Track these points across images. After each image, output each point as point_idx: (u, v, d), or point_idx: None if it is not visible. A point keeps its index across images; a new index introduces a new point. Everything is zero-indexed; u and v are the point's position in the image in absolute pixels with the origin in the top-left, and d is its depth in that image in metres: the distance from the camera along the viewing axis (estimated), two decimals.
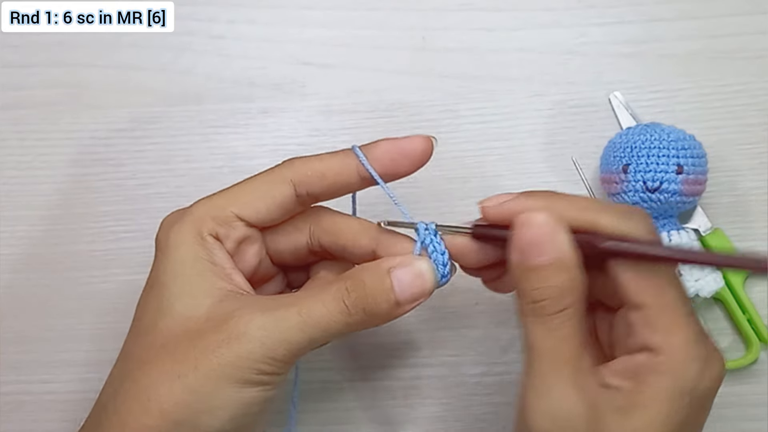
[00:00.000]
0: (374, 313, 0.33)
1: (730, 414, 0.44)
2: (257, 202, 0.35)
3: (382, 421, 0.45)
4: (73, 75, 0.50)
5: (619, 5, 0.49)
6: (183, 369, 0.32)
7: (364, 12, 0.50)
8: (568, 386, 0.30)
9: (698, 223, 0.45)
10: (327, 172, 0.35)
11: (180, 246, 0.34)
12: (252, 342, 0.31)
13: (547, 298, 0.31)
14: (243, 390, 0.32)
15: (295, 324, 0.32)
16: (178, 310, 0.33)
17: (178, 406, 0.31)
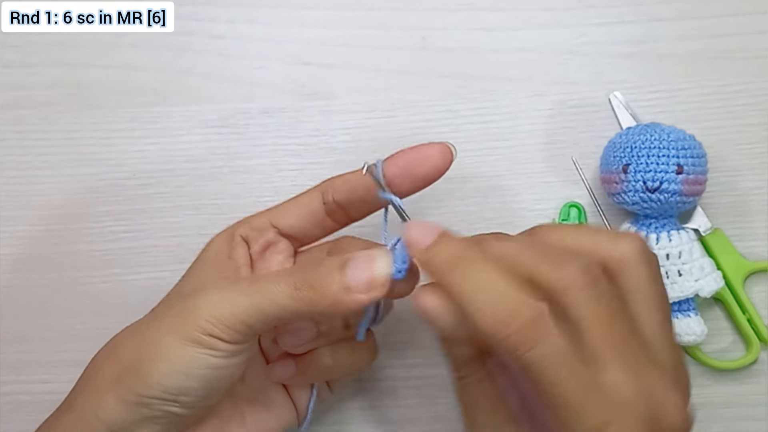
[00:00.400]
0: (322, 293, 0.32)
1: (730, 414, 0.44)
2: (290, 210, 0.39)
3: (382, 421, 0.45)
4: (73, 75, 0.50)
5: (619, 5, 0.49)
6: (143, 322, 0.36)
7: (364, 12, 0.50)
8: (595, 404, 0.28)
9: (698, 223, 0.46)
10: (351, 177, 0.38)
11: (211, 245, 0.39)
12: (199, 298, 0.33)
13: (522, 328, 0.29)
14: (185, 346, 0.33)
15: (242, 288, 0.33)
16: (177, 290, 0.39)
17: (128, 350, 0.34)
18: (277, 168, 0.49)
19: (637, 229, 0.44)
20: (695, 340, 0.43)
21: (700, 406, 0.45)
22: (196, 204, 0.48)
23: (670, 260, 0.43)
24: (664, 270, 0.43)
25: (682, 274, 0.43)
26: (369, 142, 0.48)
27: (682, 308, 0.44)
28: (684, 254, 0.43)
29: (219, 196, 0.48)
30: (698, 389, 0.45)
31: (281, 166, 0.49)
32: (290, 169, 0.48)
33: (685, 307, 0.44)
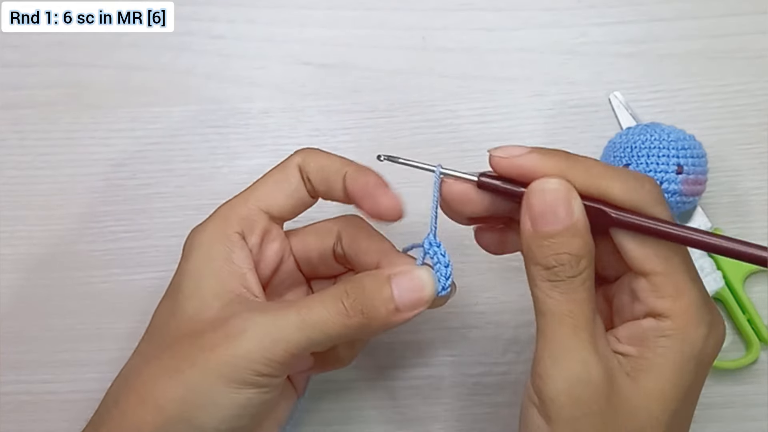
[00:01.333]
0: (372, 317, 0.33)
1: (730, 414, 0.44)
2: (274, 191, 0.37)
3: (382, 421, 0.45)
4: (73, 75, 0.50)
5: (619, 5, 0.49)
6: (181, 366, 0.32)
7: (364, 12, 0.50)
8: (586, 350, 0.30)
9: (698, 223, 0.45)
10: (326, 167, 0.36)
11: (200, 247, 0.35)
12: (249, 340, 0.32)
13: (563, 263, 0.31)
14: (238, 390, 0.32)
15: (293, 323, 0.32)
16: (188, 312, 0.34)
17: (174, 402, 0.32)
18: None
19: None
20: None
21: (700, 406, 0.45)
22: (196, 204, 0.48)
23: None
24: None
25: None
26: (369, 142, 0.48)
27: None
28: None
29: (219, 196, 0.48)
30: None
31: None
32: None
33: None
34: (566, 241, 0.31)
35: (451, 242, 0.46)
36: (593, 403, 0.30)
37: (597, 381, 0.30)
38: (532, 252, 0.31)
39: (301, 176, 0.37)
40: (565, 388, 0.30)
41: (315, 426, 0.45)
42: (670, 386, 0.30)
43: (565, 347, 0.30)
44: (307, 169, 0.37)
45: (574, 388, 0.30)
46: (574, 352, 0.30)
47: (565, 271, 0.31)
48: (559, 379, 0.30)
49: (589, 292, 0.31)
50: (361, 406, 0.45)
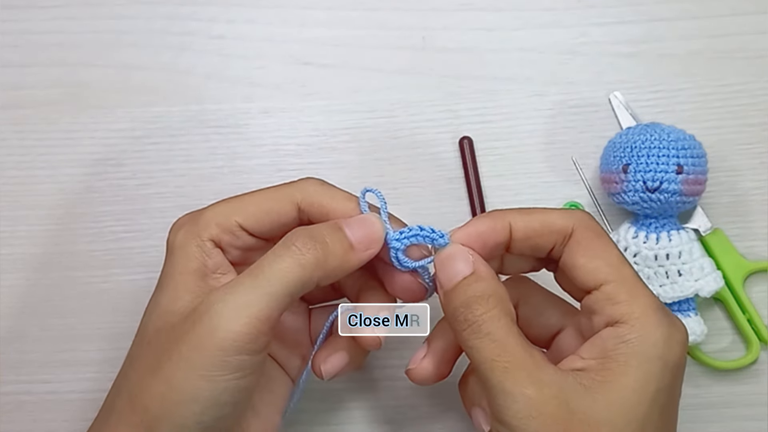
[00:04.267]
0: (328, 252, 0.33)
1: (730, 414, 0.44)
2: (261, 215, 0.36)
3: (382, 421, 0.45)
4: (73, 75, 0.50)
5: (619, 5, 0.49)
6: (161, 361, 0.32)
7: (364, 12, 0.50)
8: (526, 386, 0.30)
9: (698, 223, 0.45)
10: (332, 213, 0.36)
11: (181, 248, 0.35)
12: (212, 319, 0.31)
13: (470, 306, 0.32)
14: (213, 379, 0.31)
15: (248, 285, 0.32)
16: (162, 306, 0.34)
17: (156, 400, 0.32)
18: (277, 168, 0.49)
19: (637, 229, 0.44)
20: (695, 340, 0.43)
21: (700, 406, 0.45)
22: (196, 204, 0.47)
23: (670, 260, 0.43)
24: (663, 270, 0.43)
25: (682, 274, 0.43)
26: (369, 142, 0.48)
27: (682, 308, 0.44)
28: (684, 254, 0.43)
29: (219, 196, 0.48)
30: (698, 389, 0.45)
31: (281, 166, 0.49)
32: (290, 169, 0.48)
33: (685, 307, 0.44)
34: (470, 287, 0.32)
35: None
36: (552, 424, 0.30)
37: (547, 413, 0.30)
38: (447, 314, 0.33)
39: (299, 213, 0.36)
40: (518, 428, 0.30)
41: (315, 426, 0.45)
42: (632, 394, 0.30)
43: (506, 392, 0.30)
44: (308, 210, 0.36)
45: (526, 426, 0.30)
46: (516, 394, 0.30)
47: (473, 311, 0.32)
48: (514, 420, 0.30)
49: (508, 329, 0.32)
50: (361, 406, 0.45)
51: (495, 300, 0.32)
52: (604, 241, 0.34)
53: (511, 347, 0.31)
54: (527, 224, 0.34)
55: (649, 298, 0.32)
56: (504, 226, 0.34)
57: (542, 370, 0.31)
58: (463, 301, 0.32)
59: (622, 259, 0.33)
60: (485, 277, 0.33)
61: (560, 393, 0.30)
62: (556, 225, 0.34)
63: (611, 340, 0.31)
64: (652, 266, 0.44)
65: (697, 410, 0.45)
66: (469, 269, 0.33)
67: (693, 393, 0.45)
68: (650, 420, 0.30)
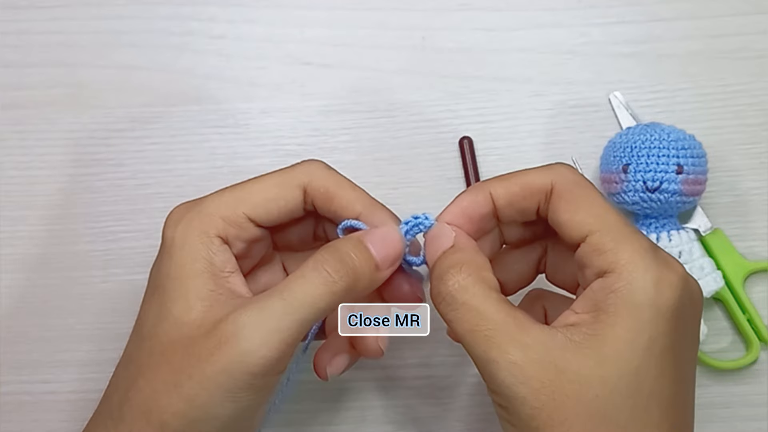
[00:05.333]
0: (358, 276, 0.33)
1: (730, 414, 0.44)
2: (269, 204, 0.35)
3: (383, 421, 0.45)
4: (73, 75, 0.50)
5: (619, 5, 0.49)
6: (180, 378, 0.31)
7: (364, 12, 0.50)
8: (508, 352, 0.29)
9: (698, 223, 0.45)
10: (336, 198, 0.35)
11: (183, 246, 0.34)
12: (241, 343, 0.31)
13: (444, 273, 0.32)
14: (238, 398, 0.31)
15: (279, 310, 0.31)
16: (175, 315, 0.33)
17: (176, 417, 0.31)
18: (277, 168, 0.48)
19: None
20: None
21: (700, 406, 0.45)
22: None
23: None
24: None
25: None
26: (369, 142, 0.48)
27: None
28: (684, 254, 0.43)
29: None
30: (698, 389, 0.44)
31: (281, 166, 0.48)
32: None
33: None
34: (446, 259, 0.32)
35: None
36: (540, 399, 0.29)
37: (533, 375, 0.29)
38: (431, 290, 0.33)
39: (304, 197, 0.35)
40: (508, 395, 0.29)
41: (315, 426, 0.45)
42: (624, 345, 0.29)
43: (490, 360, 0.30)
44: (313, 195, 0.35)
45: (516, 394, 0.29)
46: (500, 360, 0.29)
47: (447, 280, 0.31)
48: (502, 388, 0.30)
49: (484, 294, 0.31)
50: (361, 406, 0.45)
51: (468, 268, 0.31)
52: (585, 191, 0.32)
53: (490, 314, 0.30)
54: (507, 189, 0.33)
55: (637, 243, 0.30)
56: (485, 196, 0.34)
57: (526, 332, 0.30)
58: (437, 274, 0.32)
59: (607, 207, 0.32)
60: (462, 248, 0.33)
61: (546, 354, 0.29)
62: (535, 184, 0.33)
63: (600, 291, 0.30)
64: None
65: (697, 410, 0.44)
66: (448, 243, 0.33)
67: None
68: (646, 370, 0.29)
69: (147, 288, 0.35)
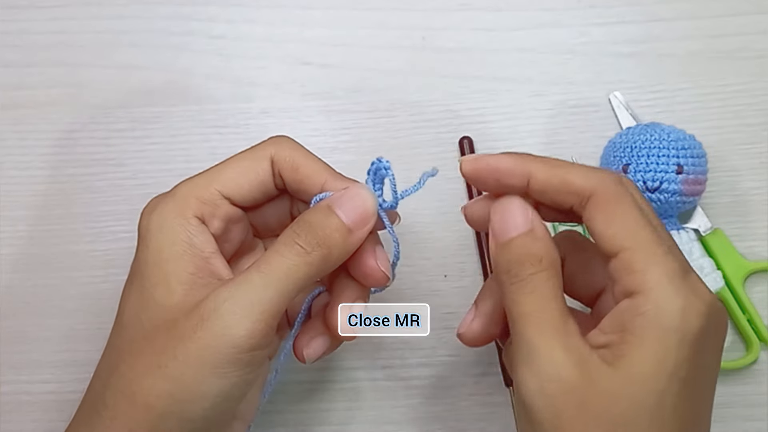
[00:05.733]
0: (330, 245, 0.33)
1: (730, 414, 0.44)
2: (240, 178, 0.36)
3: (382, 421, 0.45)
4: (73, 75, 0.50)
5: (619, 5, 0.49)
6: (163, 359, 0.32)
7: (364, 12, 0.50)
8: (554, 347, 0.30)
9: (698, 223, 0.45)
10: (301, 167, 0.36)
11: (160, 230, 0.34)
12: (223, 317, 0.31)
13: (522, 263, 0.31)
14: (224, 374, 0.31)
15: (258, 283, 0.32)
16: (156, 300, 0.33)
17: (162, 398, 0.31)
18: None
19: None
20: None
21: None
22: None
23: None
24: None
25: None
26: (369, 142, 0.48)
27: None
28: (684, 254, 0.43)
29: None
30: None
31: None
32: None
33: None
34: (525, 244, 0.32)
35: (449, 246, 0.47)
36: (568, 400, 0.29)
37: (567, 378, 0.29)
38: (497, 264, 0.32)
39: (272, 170, 0.36)
40: (537, 390, 0.30)
41: (315, 426, 0.45)
42: (651, 367, 0.29)
43: (533, 348, 0.30)
44: (280, 165, 0.36)
45: (546, 389, 0.29)
46: (542, 351, 0.30)
47: (525, 269, 0.31)
48: (532, 382, 0.30)
49: (554, 292, 0.31)
50: (361, 406, 0.45)
51: (547, 262, 0.32)
52: (623, 204, 0.32)
53: (551, 309, 0.31)
54: (547, 178, 0.33)
55: (668, 265, 0.30)
56: (524, 172, 0.33)
57: (572, 337, 0.30)
58: (517, 257, 0.32)
59: (642, 222, 0.31)
60: (541, 237, 0.32)
61: (584, 363, 0.30)
62: (575, 185, 0.32)
63: (628, 312, 0.30)
64: None
65: None
66: (527, 225, 0.32)
67: None
68: (670, 394, 0.29)
69: (127, 279, 0.36)
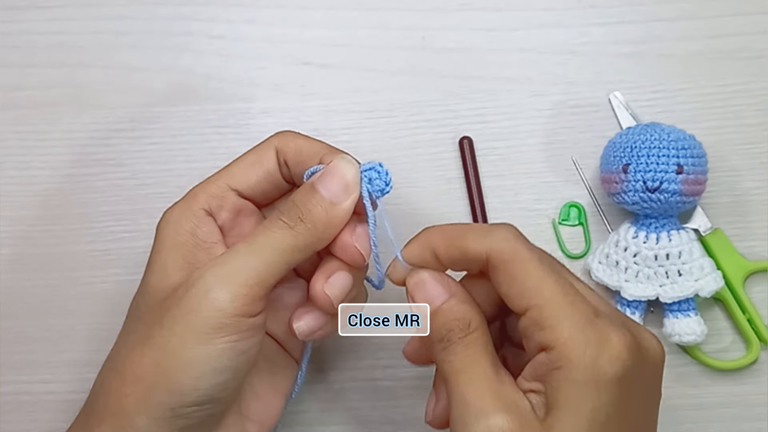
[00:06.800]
0: (314, 219, 0.33)
1: (730, 414, 0.44)
2: (246, 170, 0.37)
3: (382, 421, 0.45)
4: (73, 75, 0.50)
5: (619, 5, 0.49)
6: (151, 331, 0.32)
7: (364, 12, 0.50)
8: (489, 400, 0.30)
9: (698, 223, 0.45)
10: (303, 149, 0.36)
11: (167, 224, 0.36)
12: (207, 283, 0.32)
13: (452, 329, 0.33)
14: (211, 340, 0.31)
15: (244, 251, 0.33)
16: (153, 285, 0.35)
17: (149, 367, 0.32)
18: None
19: (637, 229, 0.44)
20: (695, 340, 0.43)
21: (700, 406, 0.45)
22: None
23: (670, 260, 0.43)
24: (664, 270, 0.43)
25: (682, 274, 0.43)
26: (369, 142, 0.48)
27: (682, 308, 0.44)
28: (684, 254, 0.43)
29: None
30: (698, 389, 0.45)
31: None
32: None
33: (685, 307, 0.44)
34: (452, 311, 0.33)
35: None
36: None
37: (501, 427, 0.30)
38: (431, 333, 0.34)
39: (278, 159, 0.37)
40: None
41: (315, 426, 0.45)
42: (578, 419, 0.30)
43: (467, 404, 0.31)
44: (284, 152, 0.37)
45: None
46: (476, 406, 0.30)
47: (455, 334, 0.32)
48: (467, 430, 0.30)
49: (484, 349, 0.32)
50: (361, 407, 0.45)
51: (476, 323, 0.33)
52: (520, 260, 0.32)
53: (482, 363, 0.32)
54: (447, 252, 0.34)
55: (576, 316, 0.31)
56: (430, 253, 0.34)
57: (507, 389, 0.31)
58: (445, 323, 0.33)
59: (542, 274, 0.31)
60: (464, 300, 0.34)
61: (519, 413, 0.30)
62: (471, 252, 0.33)
63: (543, 366, 0.31)
64: (652, 266, 0.44)
65: (697, 410, 0.45)
66: (446, 293, 0.34)
67: (693, 393, 0.45)
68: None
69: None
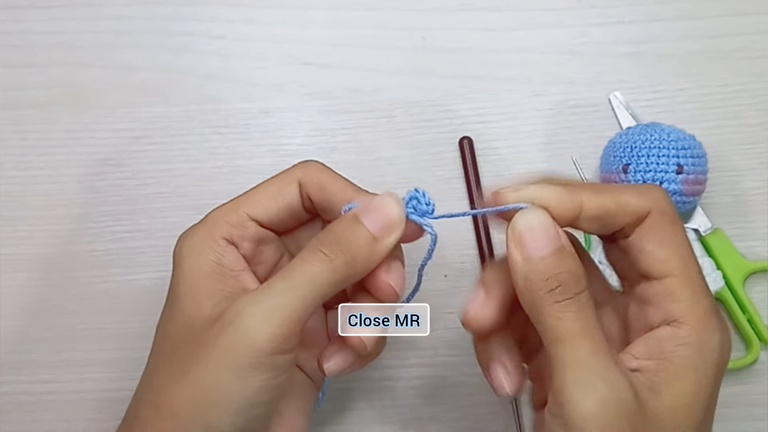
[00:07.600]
0: (354, 252, 0.32)
1: (730, 414, 0.44)
2: (268, 201, 0.36)
3: (382, 421, 0.45)
4: (73, 75, 0.50)
5: (619, 5, 0.49)
6: (187, 366, 0.32)
7: (364, 12, 0.50)
8: (610, 369, 0.29)
9: (698, 223, 0.45)
10: (328, 186, 0.36)
11: (191, 253, 0.35)
12: (245, 321, 0.31)
13: (565, 282, 0.30)
14: (247, 378, 0.31)
15: (281, 288, 0.32)
16: (185, 315, 0.34)
17: (186, 403, 0.31)
18: (277, 168, 0.48)
19: None
20: None
21: None
22: (196, 204, 0.48)
23: None
24: None
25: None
26: (369, 142, 0.48)
27: None
28: None
29: (219, 196, 0.47)
30: None
31: (281, 166, 0.48)
32: None
33: None
34: (562, 262, 0.31)
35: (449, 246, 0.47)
36: (625, 424, 0.28)
37: (626, 399, 0.29)
38: (530, 281, 0.31)
39: (300, 193, 0.36)
40: (595, 412, 0.28)
41: (315, 426, 0.45)
42: (692, 397, 0.29)
43: (588, 369, 0.29)
44: (308, 187, 0.36)
45: (605, 411, 0.28)
46: (598, 372, 0.29)
47: (569, 288, 0.30)
48: (588, 403, 0.29)
49: (594, 315, 0.31)
50: (361, 406, 0.45)
51: (585, 281, 0.31)
52: (676, 228, 0.31)
53: (598, 329, 0.30)
54: (601, 204, 0.32)
55: (710, 300, 0.31)
56: (575, 203, 0.31)
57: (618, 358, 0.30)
58: (557, 274, 0.30)
59: (691, 253, 0.31)
60: (574, 254, 0.31)
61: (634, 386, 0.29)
62: (631, 206, 0.31)
63: (669, 341, 0.30)
64: None
65: None
66: (559, 241, 0.31)
67: None
68: (705, 424, 0.30)
69: (163, 306, 0.36)
